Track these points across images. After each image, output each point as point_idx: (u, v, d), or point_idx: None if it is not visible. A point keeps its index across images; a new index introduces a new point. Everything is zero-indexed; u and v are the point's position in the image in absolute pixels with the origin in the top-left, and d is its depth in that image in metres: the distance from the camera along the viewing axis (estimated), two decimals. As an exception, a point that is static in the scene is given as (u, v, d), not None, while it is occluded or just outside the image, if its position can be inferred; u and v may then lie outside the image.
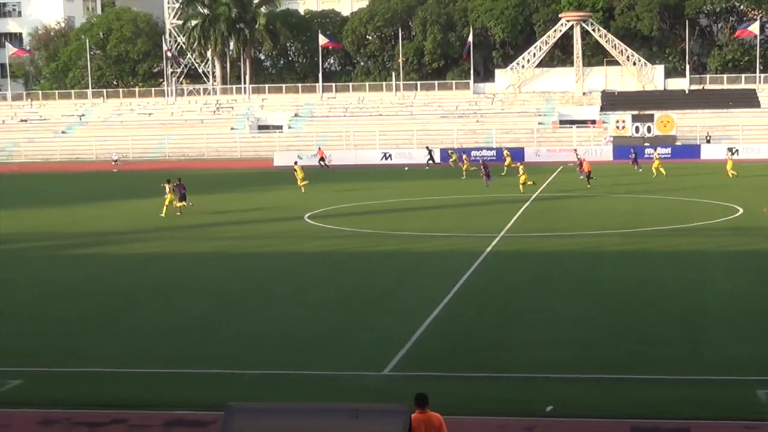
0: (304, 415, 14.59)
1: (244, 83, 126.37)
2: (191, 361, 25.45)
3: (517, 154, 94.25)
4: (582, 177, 70.21)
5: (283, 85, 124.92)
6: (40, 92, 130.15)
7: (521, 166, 69.03)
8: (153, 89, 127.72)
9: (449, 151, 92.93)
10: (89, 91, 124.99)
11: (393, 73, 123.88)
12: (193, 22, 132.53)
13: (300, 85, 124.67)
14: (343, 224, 51.10)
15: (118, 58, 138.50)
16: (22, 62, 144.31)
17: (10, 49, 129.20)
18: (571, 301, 31.40)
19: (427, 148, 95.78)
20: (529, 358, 25.11)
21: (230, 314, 30.97)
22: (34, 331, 29.30)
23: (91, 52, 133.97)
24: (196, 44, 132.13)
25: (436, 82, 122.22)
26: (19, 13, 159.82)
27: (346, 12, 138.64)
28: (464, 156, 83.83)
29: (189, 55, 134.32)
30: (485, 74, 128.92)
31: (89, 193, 70.52)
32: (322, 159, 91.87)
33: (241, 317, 30.49)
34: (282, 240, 46.75)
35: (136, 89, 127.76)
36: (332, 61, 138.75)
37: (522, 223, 49.96)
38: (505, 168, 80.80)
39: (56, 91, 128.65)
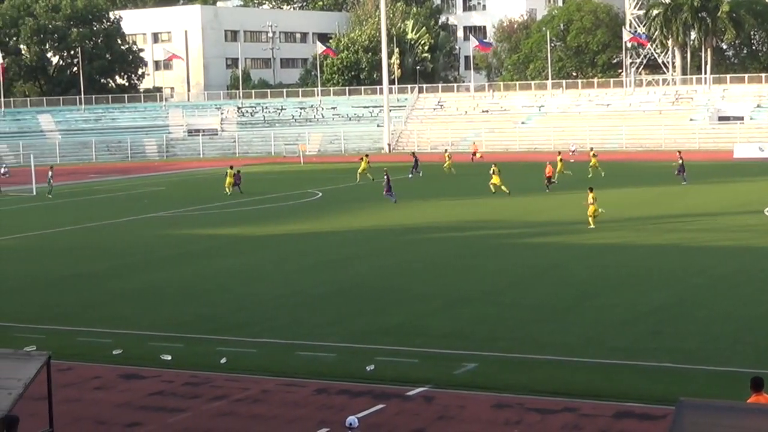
0: (761, 415, 14.11)
1: (705, 73, 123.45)
2: (643, 354, 25.29)
3: None
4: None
5: (746, 75, 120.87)
6: (501, 84, 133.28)
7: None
8: (611, 80, 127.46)
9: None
10: (548, 82, 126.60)
11: None
12: (655, 12, 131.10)
13: (763, 75, 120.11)
14: (806, 219, 48.88)
15: (578, 49, 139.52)
16: (485, 54, 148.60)
17: (474, 42, 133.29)
18: None
19: (413, 154, 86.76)
20: None
21: (686, 308, 30.51)
22: (491, 317, 30.18)
23: (552, 44, 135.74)
24: (656, 34, 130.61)
25: None
26: (484, 7, 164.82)
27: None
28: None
29: (649, 45, 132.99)
30: None
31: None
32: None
33: (697, 311, 29.94)
34: (740, 234, 45.34)
35: (595, 80, 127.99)
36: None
37: None
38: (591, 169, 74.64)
39: (517, 83, 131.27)
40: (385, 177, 62.52)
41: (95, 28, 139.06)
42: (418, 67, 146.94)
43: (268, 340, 28.03)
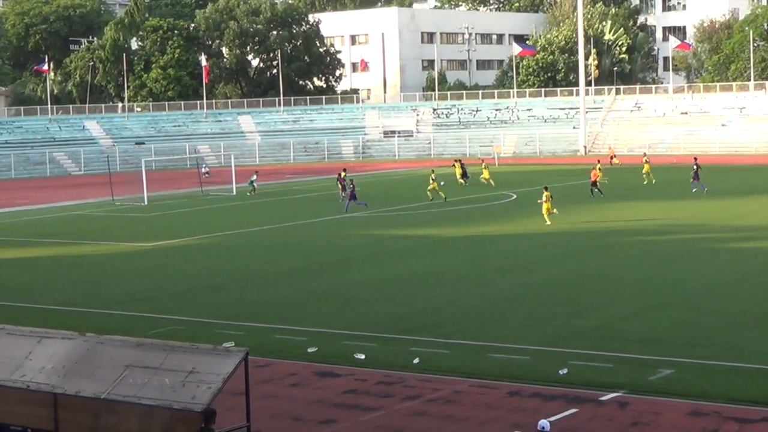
0: None
1: None
2: None
3: None
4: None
5: None
6: (701, 85, 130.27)
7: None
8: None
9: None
10: (751, 83, 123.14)
11: None
12: None
13: None
14: None
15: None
16: (684, 55, 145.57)
17: (674, 42, 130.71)
18: None
19: (459, 161, 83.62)
20: None
21: None
22: (689, 322, 29.54)
23: (755, 44, 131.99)
24: None
25: None
26: (684, 7, 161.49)
27: None
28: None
29: None
30: None
31: (749, 187, 69.52)
32: None
33: None
34: None
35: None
36: None
37: None
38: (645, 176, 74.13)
39: (717, 84, 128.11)
40: (351, 185, 63.81)
41: (294, 31, 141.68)
42: (615, 68, 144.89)
43: (460, 341, 28.06)
